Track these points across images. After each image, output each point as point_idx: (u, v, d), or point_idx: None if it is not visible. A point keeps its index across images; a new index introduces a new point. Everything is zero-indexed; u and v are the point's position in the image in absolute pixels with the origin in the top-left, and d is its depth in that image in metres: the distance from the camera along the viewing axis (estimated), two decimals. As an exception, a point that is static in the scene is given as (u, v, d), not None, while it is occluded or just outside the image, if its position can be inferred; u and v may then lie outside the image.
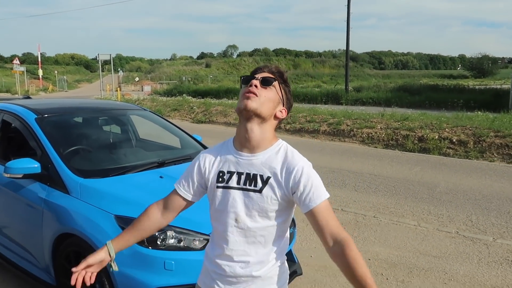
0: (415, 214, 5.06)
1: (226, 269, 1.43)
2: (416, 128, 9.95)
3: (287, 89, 1.48)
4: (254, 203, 1.39)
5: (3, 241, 3.37)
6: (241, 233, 1.41)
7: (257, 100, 1.37)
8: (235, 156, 1.44)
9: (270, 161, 1.41)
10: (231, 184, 1.42)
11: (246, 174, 1.41)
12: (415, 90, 22.60)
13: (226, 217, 1.42)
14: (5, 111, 3.63)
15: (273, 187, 1.38)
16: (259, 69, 1.48)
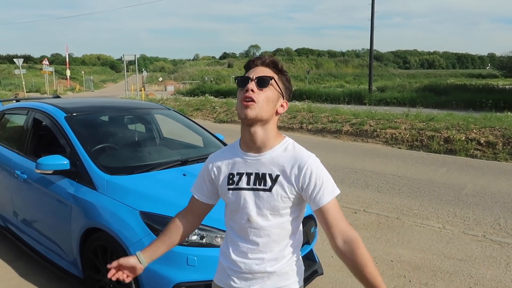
0: (440, 217, 4.95)
1: (242, 266, 1.44)
2: (442, 128, 9.73)
3: (285, 78, 1.44)
4: (265, 202, 1.40)
5: (34, 234, 3.50)
6: (254, 232, 1.43)
7: (256, 107, 1.35)
8: (242, 158, 1.45)
9: (278, 159, 1.41)
10: (241, 185, 1.43)
11: (255, 174, 1.42)
12: (441, 90, 22.06)
13: (239, 217, 1.44)
14: (36, 109, 3.77)
15: (283, 185, 1.39)
16: (253, 63, 1.43)
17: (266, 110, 1.37)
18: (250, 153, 1.44)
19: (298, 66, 73.57)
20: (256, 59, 1.43)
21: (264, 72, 1.39)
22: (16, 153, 3.78)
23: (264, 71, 1.39)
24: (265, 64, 1.41)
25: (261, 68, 1.40)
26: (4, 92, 29.26)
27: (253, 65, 1.42)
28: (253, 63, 1.43)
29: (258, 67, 1.41)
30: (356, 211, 5.13)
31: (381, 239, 4.28)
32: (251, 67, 1.42)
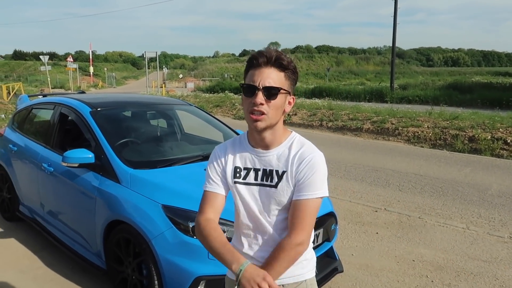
0: (463, 217, 4.84)
1: (254, 257, 1.46)
2: (466, 127, 9.49)
3: (291, 72, 1.37)
4: (271, 198, 1.42)
5: (59, 225, 3.60)
6: (265, 225, 1.45)
7: (266, 119, 1.34)
8: (250, 153, 1.46)
9: (285, 156, 1.42)
10: (249, 180, 1.45)
11: (263, 170, 1.43)
12: (466, 88, 21.50)
13: (248, 211, 1.46)
14: (63, 104, 3.87)
15: (288, 180, 1.40)
16: (256, 62, 1.33)
17: (275, 117, 1.37)
18: (258, 149, 1.45)
19: (318, 64, 72.96)
20: (259, 57, 1.34)
21: (271, 76, 1.33)
22: (43, 146, 3.89)
23: (270, 75, 1.33)
24: (270, 64, 1.34)
25: (267, 70, 1.33)
26: (30, 88, 30.10)
27: (257, 65, 1.34)
28: (257, 61, 1.34)
29: (263, 68, 1.33)
30: (376, 209, 5.07)
31: (403, 238, 4.21)
32: (254, 66, 1.35)
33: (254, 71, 1.35)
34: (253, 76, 1.34)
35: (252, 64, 1.35)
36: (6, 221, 4.55)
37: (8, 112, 13.69)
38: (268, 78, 1.33)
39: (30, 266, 3.54)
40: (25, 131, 4.44)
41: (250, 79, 1.35)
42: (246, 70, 1.39)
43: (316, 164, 1.39)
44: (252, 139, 1.46)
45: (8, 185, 4.51)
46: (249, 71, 1.37)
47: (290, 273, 1.46)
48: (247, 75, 1.38)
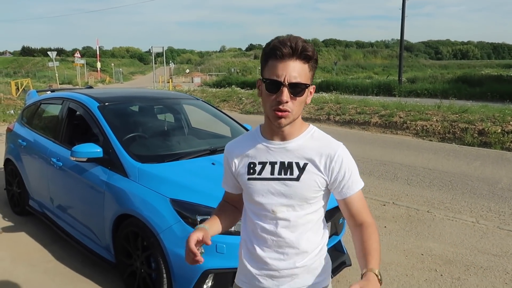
0: (473, 211, 4.79)
1: (269, 261, 1.35)
2: (476, 121, 9.38)
3: (315, 61, 1.27)
4: (292, 192, 1.31)
5: (69, 220, 3.63)
6: (281, 224, 1.33)
7: (290, 116, 1.26)
8: (265, 145, 1.35)
9: (305, 147, 1.32)
10: (265, 175, 1.33)
11: (280, 163, 1.32)
12: (475, 81, 21.21)
13: (262, 210, 1.34)
14: (71, 99, 3.89)
15: (312, 174, 1.31)
16: (280, 53, 1.20)
17: (299, 112, 1.29)
18: (274, 141, 1.34)
19: (325, 57, 72.51)
20: (283, 47, 1.20)
21: (296, 70, 1.21)
22: (51, 141, 3.92)
23: (296, 69, 1.21)
24: (295, 56, 1.21)
25: (292, 63, 1.21)
26: (38, 84, 30.35)
27: (280, 56, 1.21)
28: (280, 52, 1.20)
29: (287, 61, 1.21)
30: (385, 203, 5.04)
31: (411, 232, 4.19)
32: (277, 57, 1.21)
33: (277, 64, 1.21)
34: (277, 69, 1.21)
35: (275, 55, 1.21)
36: (16, 216, 4.61)
37: (17, 107, 13.82)
38: (294, 72, 1.21)
39: (41, 259, 3.58)
40: (34, 126, 4.48)
41: (273, 72, 1.22)
42: (265, 60, 1.25)
43: (349, 158, 1.36)
44: (267, 131, 1.35)
45: (18, 179, 4.56)
46: (269, 61, 1.23)
47: (305, 281, 1.38)
48: (266, 66, 1.25)
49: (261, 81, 1.27)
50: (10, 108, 13.84)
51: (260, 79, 1.28)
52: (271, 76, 1.22)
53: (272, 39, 1.25)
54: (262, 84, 1.27)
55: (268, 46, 1.25)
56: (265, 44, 1.28)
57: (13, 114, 12.68)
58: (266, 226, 1.35)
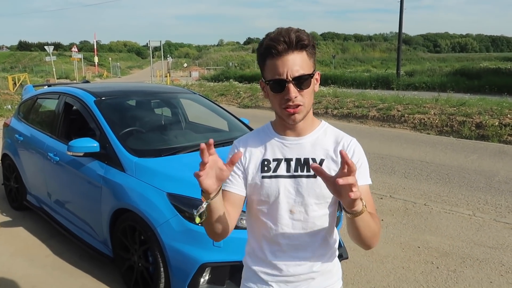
0: (470, 204, 4.81)
1: (283, 268, 1.27)
2: (474, 114, 9.39)
3: (312, 46, 1.21)
4: (310, 190, 1.23)
5: (66, 214, 3.64)
6: (298, 225, 1.26)
7: (303, 110, 1.20)
8: (279, 141, 1.28)
9: (320, 142, 1.27)
10: (280, 172, 1.25)
11: (296, 159, 1.25)
12: (474, 74, 21.19)
13: (278, 210, 1.25)
14: (67, 94, 3.87)
15: (329, 170, 1.23)
16: (275, 50, 1.15)
17: (310, 103, 1.23)
18: (288, 137, 1.27)
19: (323, 51, 72.28)
20: (278, 44, 1.15)
21: (296, 63, 1.16)
22: (48, 136, 3.92)
23: (296, 61, 1.16)
24: (292, 49, 1.16)
25: (290, 57, 1.16)
26: (36, 79, 30.23)
27: (276, 53, 1.15)
28: (276, 50, 1.15)
29: (285, 56, 1.16)
30: (382, 196, 5.06)
31: (408, 225, 4.21)
32: (274, 55, 1.16)
33: (276, 62, 1.16)
34: (277, 68, 1.16)
35: (271, 54, 1.16)
36: (14, 211, 4.61)
37: (14, 102, 13.77)
38: (295, 65, 1.16)
39: (39, 254, 3.59)
40: (31, 121, 4.47)
41: (274, 72, 1.16)
42: (263, 60, 1.20)
43: (361, 151, 1.31)
44: (280, 128, 1.29)
45: (15, 174, 4.56)
46: (267, 61, 1.18)
47: (320, 284, 1.32)
48: (265, 66, 1.20)
49: (264, 82, 1.22)
50: (7, 103, 13.79)
51: (263, 80, 1.23)
52: (274, 76, 1.17)
53: (264, 38, 1.20)
54: (266, 85, 1.22)
55: (261, 46, 1.19)
56: (258, 45, 1.22)
57: (10, 109, 12.63)
58: (281, 229, 1.26)
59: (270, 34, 1.19)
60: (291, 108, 1.18)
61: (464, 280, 3.16)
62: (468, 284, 3.10)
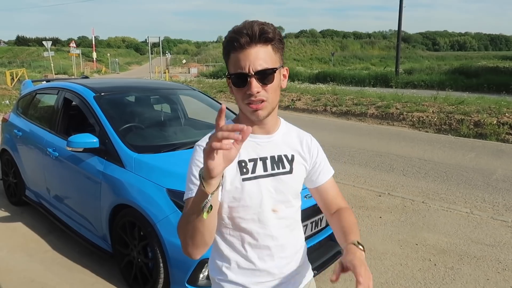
0: (467, 201, 4.84)
1: (276, 271, 1.24)
2: (472, 112, 9.42)
3: (278, 40, 1.16)
4: (288, 186, 1.24)
5: (66, 210, 3.64)
6: (282, 223, 1.25)
7: (267, 106, 1.15)
8: (250, 140, 1.21)
9: (287, 139, 1.28)
10: (259, 172, 1.20)
11: (270, 157, 1.23)
12: (472, 72, 21.25)
13: (263, 212, 1.21)
14: (66, 89, 3.87)
15: (300, 164, 1.28)
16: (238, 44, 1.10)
17: (276, 99, 1.19)
18: (259, 135, 1.23)
19: (322, 48, 72.21)
20: (240, 37, 1.10)
21: (259, 57, 1.11)
22: (47, 131, 3.91)
23: (259, 55, 1.11)
24: (254, 42, 1.11)
25: (253, 50, 1.11)
26: (34, 74, 30.08)
27: (239, 46, 1.11)
28: (238, 43, 1.10)
29: (248, 49, 1.11)
30: (380, 194, 5.08)
31: (406, 222, 4.23)
32: (236, 48, 1.11)
33: (238, 55, 1.12)
34: (239, 61, 1.12)
35: (234, 47, 1.12)
36: (13, 206, 4.61)
37: (12, 98, 13.73)
38: (257, 59, 1.11)
39: (38, 249, 3.59)
40: (30, 116, 4.46)
41: (236, 65, 1.12)
42: (227, 54, 1.15)
43: (319, 146, 1.37)
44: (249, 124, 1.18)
45: (14, 170, 4.55)
46: (231, 55, 1.14)
47: (302, 278, 1.35)
48: (229, 60, 1.15)
49: (228, 77, 1.18)
50: (5, 98, 13.74)
51: (226, 75, 1.19)
52: (236, 70, 1.13)
53: (229, 31, 1.15)
54: (229, 80, 1.17)
55: (225, 39, 1.15)
56: (224, 38, 1.17)
57: (8, 104, 12.59)
58: (269, 231, 1.22)
59: (235, 27, 1.14)
60: (254, 104, 1.13)
61: (462, 277, 3.18)
62: (465, 281, 3.12)
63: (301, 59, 61.52)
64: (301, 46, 73.63)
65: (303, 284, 1.34)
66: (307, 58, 61.99)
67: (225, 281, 1.24)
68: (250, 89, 1.11)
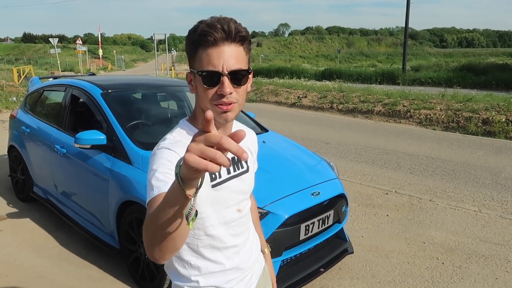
0: (475, 200, 4.79)
1: (244, 266, 1.26)
2: (480, 109, 9.32)
3: (249, 42, 1.12)
4: (248, 185, 1.26)
5: (73, 206, 3.66)
6: (244, 221, 1.26)
7: (236, 108, 1.10)
8: None
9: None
10: (224, 176, 1.17)
11: (231, 159, 1.15)
12: (480, 69, 21.01)
13: (230, 214, 1.19)
14: (74, 86, 3.88)
15: (253, 161, 1.32)
16: (213, 42, 1.03)
17: (243, 102, 1.14)
18: None
19: (328, 45, 71.89)
20: (214, 31, 1.02)
21: (233, 56, 1.05)
22: (55, 128, 3.93)
23: (233, 54, 1.05)
24: (230, 40, 1.05)
25: (227, 48, 1.05)
26: (40, 71, 30.26)
27: (213, 42, 1.03)
28: (212, 37, 1.03)
29: (222, 46, 1.04)
30: (387, 192, 5.05)
31: (413, 220, 4.20)
32: (209, 44, 1.03)
33: (211, 51, 1.04)
34: (211, 58, 1.04)
35: (206, 42, 1.03)
36: (21, 202, 4.64)
37: (20, 95, 13.82)
38: (231, 59, 1.05)
39: (45, 245, 3.62)
40: (37, 113, 4.48)
41: (207, 62, 1.04)
42: (194, 49, 1.07)
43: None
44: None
45: (22, 166, 4.58)
46: (199, 50, 1.05)
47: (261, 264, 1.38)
48: (196, 56, 1.06)
49: (193, 74, 1.09)
50: (12, 95, 13.84)
51: (191, 72, 1.11)
52: (206, 67, 1.04)
53: (196, 25, 1.07)
54: (194, 77, 1.09)
55: (194, 32, 1.05)
56: (189, 32, 1.09)
57: (15, 101, 12.68)
58: (234, 231, 1.21)
59: (204, 21, 1.06)
60: (225, 105, 1.06)
61: (470, 276, 3.15)
62: (473, 280, 3.09)
63: (307, 56, 61.32)
64: (307, 43, 73.34)
65: (261, 269, 1.38)
66: (313, 55, 61.78)
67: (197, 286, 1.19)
68: (223, 89, 1.04)
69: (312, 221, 2.78)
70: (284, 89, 15.02)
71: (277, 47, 72.40)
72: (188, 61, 1.13)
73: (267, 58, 51.29)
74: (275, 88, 15.34)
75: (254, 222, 1.45)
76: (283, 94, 14.51)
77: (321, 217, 2.85)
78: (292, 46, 71.88)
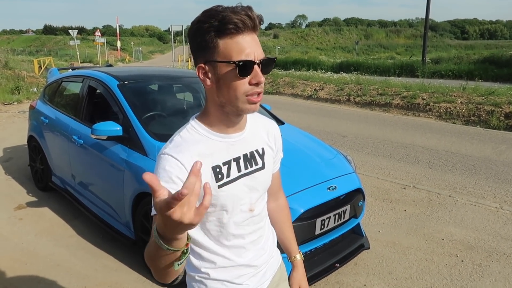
0: (497, 196, 4.66)
1: (254, 263, 1.22)
2: (503, 103, 9.04)
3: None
4: (262, 183, 1.20)
5: (90, 196, 3.70)
6: (256, 220, 1.21)
7: (261, 99, 1.08)
8: (223, 141, 1.11)
9: (256, 131, 1.20)
10: (233, 175, 1.11)
11: (243, 156, 1.14)
12: (503, 62, 20.36)
13: (239, 213, 1.15)
14: (91, 77, 3.90)
15: (270, 156, 1.23)
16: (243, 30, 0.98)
17: None
18: (232, 134, 1.12)
19: (346, 37, 70.90)
20: (242, 19, 0.97)
21: (259, 45, 1.02)
22: (72, 119, 3.97)
23: (258, 42, 1.02)
24: (256, 28, 1.01)
25: (254, 36, 1.01)
26: (60, 62, 30.78)
27: (243, 28, 0.97)
28: (244, 25, 0.97)
29: (251, 34, 1.00)
30: (405, 186, 4.95)
31: (432, 216, 4.11)
32: (240, 31, 0.98)
33: (240, 40, 0.98)
34: (244, 47, 0.98)
35: (234, 29, 0.97)
36: (39, 191, 4.73)
37: (40, 85, 14.08)
38: (258, 47, 1.01)
39: (63, 234, 3.68)
40: (56, 103, 4.54)
41: (239, 51, 0.98)
42: (215, 38, 0.98)
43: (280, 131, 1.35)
44: (219, 124, 1.10)
45: (40, 156, 4.66)
46: (225, 39, 0.98)
47: (276, 261, 1.34)
48: (218, 45, 0.99)
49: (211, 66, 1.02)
50: (33, 85, 14.11)
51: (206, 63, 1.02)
52: (238, 57, 0.98)
53: (217, 11, 0.98)
54: (215, 69, 1.02)
55: (215, 19, 0.97)
56: (202, 21, 0.99)
57: (36, 92, 12.92)
58: (243, 229, 1.18)
59: (220, 7, 0.99)
60: (257, 95, 1.03)
61: (490, 274, 3.07)
62: (494, 279, 3.01)
63: (324, 48, 60.62)
64: (324, 35, 72.47)
65: (277, 266, 1.35)
66: (330, 47, 61.07)
67: (207, 279, 1.18)
68: (258, 78, 1.00)
69: (328, 216, 2.73)
70: (301, 81, 14.88)
71: (294, 39, 71.77)
72: (195, 53, 1.04)
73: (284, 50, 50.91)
74: (292, 80, 15.21)
75: (284, 223, 1.41)
76: (300, 86, 14.38)
77: (337, 211, 2.80)
78: (309, 38, 71.09)
